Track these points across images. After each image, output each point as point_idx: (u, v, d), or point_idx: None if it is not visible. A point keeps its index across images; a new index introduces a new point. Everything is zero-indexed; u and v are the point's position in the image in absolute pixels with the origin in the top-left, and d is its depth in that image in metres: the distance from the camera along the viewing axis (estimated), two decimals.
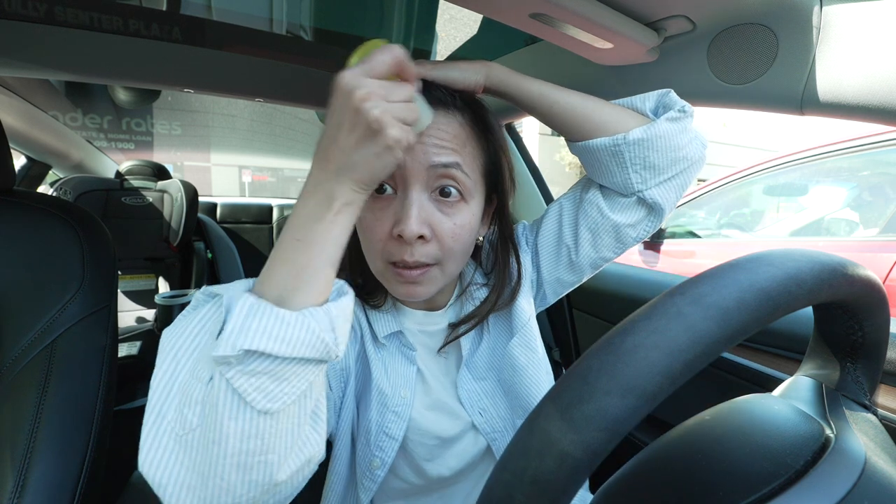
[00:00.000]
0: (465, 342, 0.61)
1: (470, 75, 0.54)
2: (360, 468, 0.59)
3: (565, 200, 0.64)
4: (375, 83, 0.36)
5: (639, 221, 0.59)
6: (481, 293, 0.62)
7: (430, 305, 0.62)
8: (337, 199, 0.36)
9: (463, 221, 0.51)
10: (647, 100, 0.57)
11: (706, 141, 0.58)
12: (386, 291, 0.59)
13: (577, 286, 0.67)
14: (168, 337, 0.36)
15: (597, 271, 0.65)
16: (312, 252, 0.35)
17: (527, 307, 0.63)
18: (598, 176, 0.59)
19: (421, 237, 0.48)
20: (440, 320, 0.61)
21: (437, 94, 0.50)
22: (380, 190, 0.49)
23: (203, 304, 0.37)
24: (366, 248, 0.53)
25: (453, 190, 0.50)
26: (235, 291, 0.35)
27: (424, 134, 0.48)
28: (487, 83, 0.56)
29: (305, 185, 0.37)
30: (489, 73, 0.55)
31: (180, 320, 0.37)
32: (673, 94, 0.56)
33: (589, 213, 0.60)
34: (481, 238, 0.66)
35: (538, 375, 0.60)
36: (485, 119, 0.54)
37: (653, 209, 0.58)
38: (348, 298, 0.37)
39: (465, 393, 0.61)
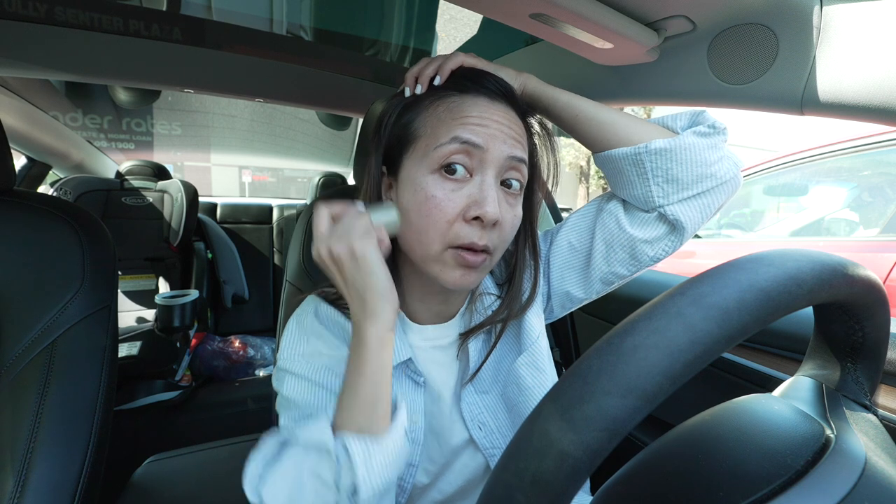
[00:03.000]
0: (473, 353, 0.59)
1: (511, 83, 0.55)
2: None
3: (584, 210, 0.63)
4: (319, 237, 0.46)
5: (657, 239, 0.56)
6: (493, 304, 0.60)
7: (441, 316, 0.59)
8: (370, 332, 0.44)
9: (519, 213, 0.53)
10: (679, 118, 0.56)
11: (741, 162, 0.55)
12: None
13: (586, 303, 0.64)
14: (275, 493, 0.43)
15: (609, 289, 0.62)
16: (374, 382, 0.44)
17: (537, 323, 0.61)
18: (620, 188, 0.58)
19: (495, 222, 0.49)
20: (451, 332, 0.59)
21: (503, 87, 0.52)
22: (450, 171, 0.48)
23: (279, 452, 0.45)
24: (426, 229, 0.49)
25: (516, 183, 0.52)
26: (326, 434, 0.43)
27: (501, 123, 0.50)
28: (523, 95, 0.57)
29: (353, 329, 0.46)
30: (526, 83, 0.58)
31: (268, 473, 0.44)
32: (706, 114, 0.55)
33: (606, 224, 0.59)
34: None
35: None
36: (527, 117, 0.57)
37: (674, 228, 0.55)
38: (402, 410, 0.47)
39: (466, 406, 0.58)
